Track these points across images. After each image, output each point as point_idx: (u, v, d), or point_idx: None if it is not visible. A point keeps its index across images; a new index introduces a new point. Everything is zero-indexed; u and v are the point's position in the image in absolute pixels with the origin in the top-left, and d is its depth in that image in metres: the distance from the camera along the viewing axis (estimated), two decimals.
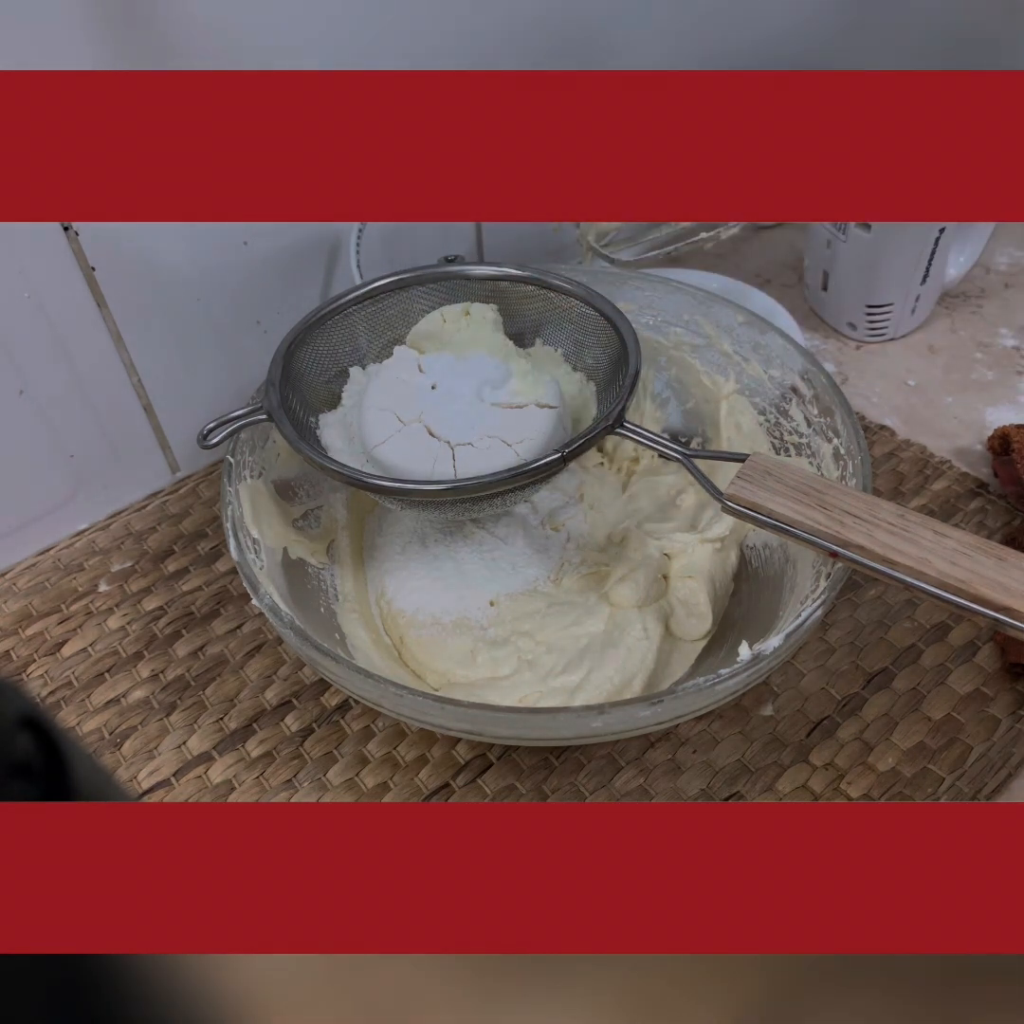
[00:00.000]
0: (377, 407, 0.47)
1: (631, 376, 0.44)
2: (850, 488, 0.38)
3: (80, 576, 0.56)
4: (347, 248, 0.58)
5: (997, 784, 0.45)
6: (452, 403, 0.46)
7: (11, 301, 0.48)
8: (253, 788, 0.46)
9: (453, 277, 0.50)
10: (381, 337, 0.50)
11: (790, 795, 0.45)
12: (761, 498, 0.37)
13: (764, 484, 0.38)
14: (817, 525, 0.36)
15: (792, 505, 0.37)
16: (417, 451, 0.45)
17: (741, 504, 0.38)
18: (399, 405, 0.47)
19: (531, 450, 0.45)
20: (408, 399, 0.47)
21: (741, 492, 0.38)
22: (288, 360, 0.47)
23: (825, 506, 0.37)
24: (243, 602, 0.54)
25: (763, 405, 0.51)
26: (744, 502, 0.38)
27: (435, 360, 0.48)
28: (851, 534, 0.36)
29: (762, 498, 0.37)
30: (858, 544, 0.35)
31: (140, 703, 0.50)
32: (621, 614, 0.49)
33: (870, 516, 0.36)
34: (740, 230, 0.63)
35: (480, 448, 0.45)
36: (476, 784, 0.46)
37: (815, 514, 0.37)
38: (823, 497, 0.37)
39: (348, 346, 0.50)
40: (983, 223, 0.68)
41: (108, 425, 0.56)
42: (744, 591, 0.52)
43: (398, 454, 0.45)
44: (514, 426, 0.45)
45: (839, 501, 0.37)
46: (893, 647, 0.50)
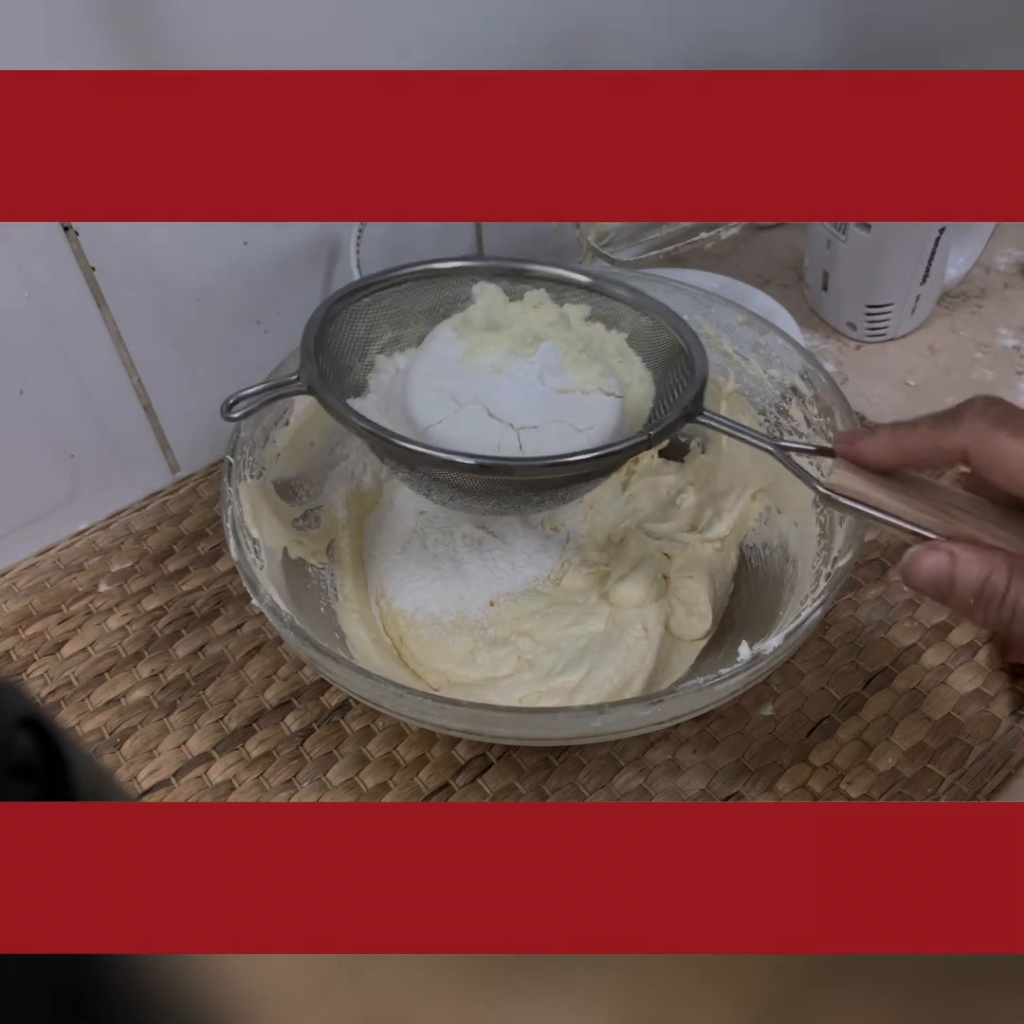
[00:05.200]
0: (428, 386, 0.43)
1: (703, 365, 0.42)
2: (942, 484, 0.37)
3: (80, 576, 0.56)
4: (347, 248, 0.58)
5: (997, 784, 0.45)
6: (512, 385, 0.43)
7: (11, 301, 0.48)
8: (253, 788, 0.46)
9: (515, 275, 0.47)
10: (418, 322, 0.48)
11: (790, 795, 0.45)
12: (866, 487, 0.36)
13: (864, 474, 0.36)
14: (926, 515, 0.35)
15: (896, 493, 0.35)
16: (479, 432, 0.42)
17: (845, 494, 0.36)
18: (452, 385, 0.43)
19: (601, 437, 0.42)
20: (462, 379, 0.43)
21: (843, 481, 0.36)
22: (323, 331, 0.43)
23: (928, 498, 0.35)
24: (243, 602, 0.54)
25: (763, 405, 0.51)
26: (849, 491, 0.36)
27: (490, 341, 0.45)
28: (959, 525, 0.34)
29: (866, 487, 0.36)
30: (968, 535, 0.34)
31: (140, 703, 0.50)
32: (621, 614, 0.49)
33: (973, 508, 0.35)
34: (740, 230, 0.63)
35: (547, 432, 0.42)
36: (476, 784, 0.46)
37: (922, 504, 0.35)
38: (924, 490, 0.36)
39: (387, 324, 0.47)
40: (983, 223, 0.68)
41: (108, 425, 0.56)
42: (744, 591, 0.52)
43: (458, 435, 0.41)
44: (581, 412, 0.42)
45: (939, 494, 0.35)
46: (893, 647, 0.50)
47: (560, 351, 0.44)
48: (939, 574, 0.33)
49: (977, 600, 0.32)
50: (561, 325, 0.46)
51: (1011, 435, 0.31)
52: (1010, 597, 0.32)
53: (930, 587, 0.33)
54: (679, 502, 0.55)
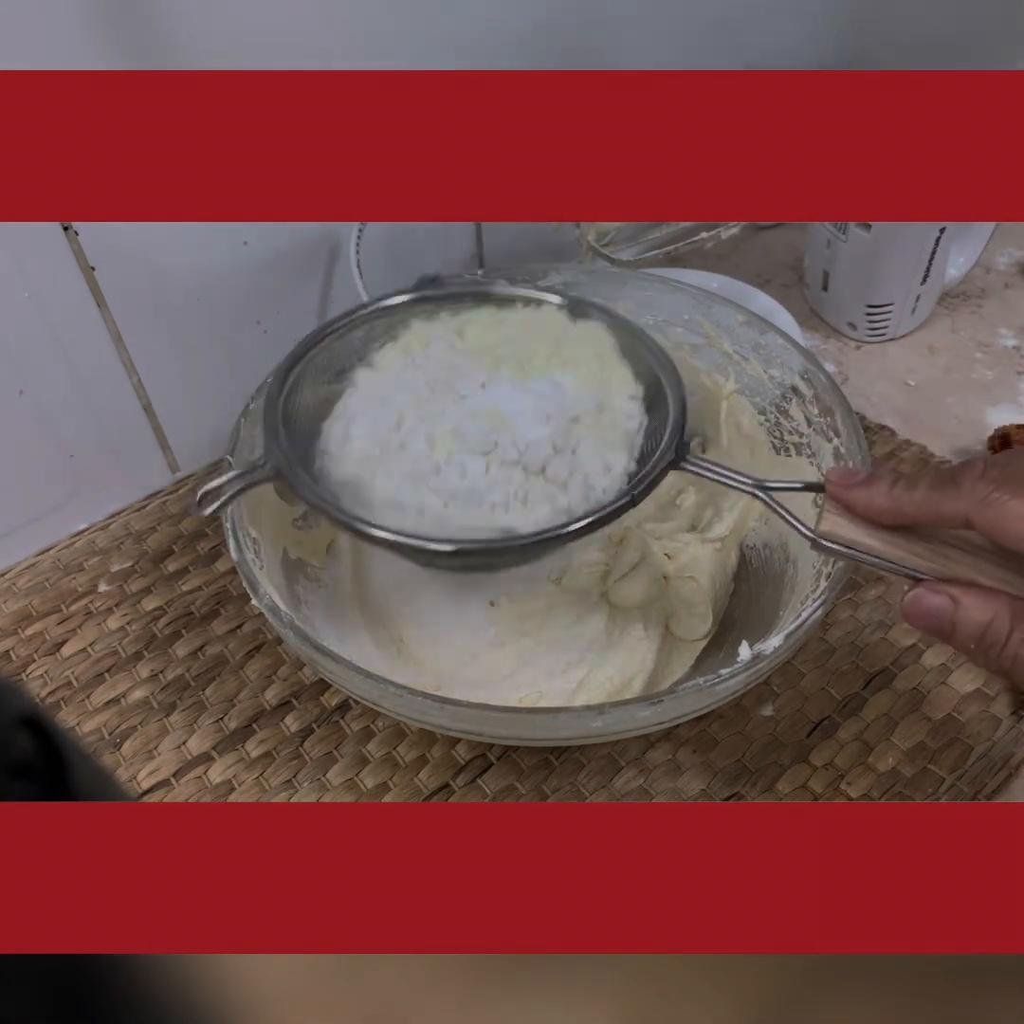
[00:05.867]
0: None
1: (679, 404, 0.40)
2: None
3: (80, 576, 0.56)
4: (347, 248, 0.58)
5: (997, 784, 0.45)
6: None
7: (11, 301, 0.48)
8: (253, 788, 0.46)
9: (479, 298, 0.43)
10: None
11: (790, 795, 0.45)
12: (858, 534, 0.34)
13: (856, 519, 0.34)
14: (920, 560, 0.33)
15: (890, 538, 0.34)
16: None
17: (837, 541, 0.34)
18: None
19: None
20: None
21: (835, 528, 0.34)
22: (286, 403, 0.40)
23: (924, 538, 0.34)
24: (243, 602, 0.54)
25: (763, 405, 0.51)
26: (840, 539, 0.34)
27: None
28: (957, 567, 0.33)
29: (859, 534, 0.34)
30: (965, 578, 0.33)
31: (140, 703, 0.50)
32: (621, 614, 0.49)
33: (969, 547, 0.33)
34: (740, 230, 0.63)
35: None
36: (476, 784, 0.46)
37: (917, 547, 0.33)
38: (917, 530, 0.34)
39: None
40: (983, 223, 0.68)
41: (108, 425, 0.56)
42: (744, 591, 0.52)
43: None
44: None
45: (933, 532, 0.34)
46: (893, 647, 0.50)
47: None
48: (941, 618, 0.32)
49: (978, 646, 0.32)
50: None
51: (1015, 497, 0.30)
52: (1011, 645, 0.31)
53: (930, 628, 0.33)
54: (679, 502, 0.55)
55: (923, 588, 0.33)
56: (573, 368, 0.41)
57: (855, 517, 0.34)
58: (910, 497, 0.33)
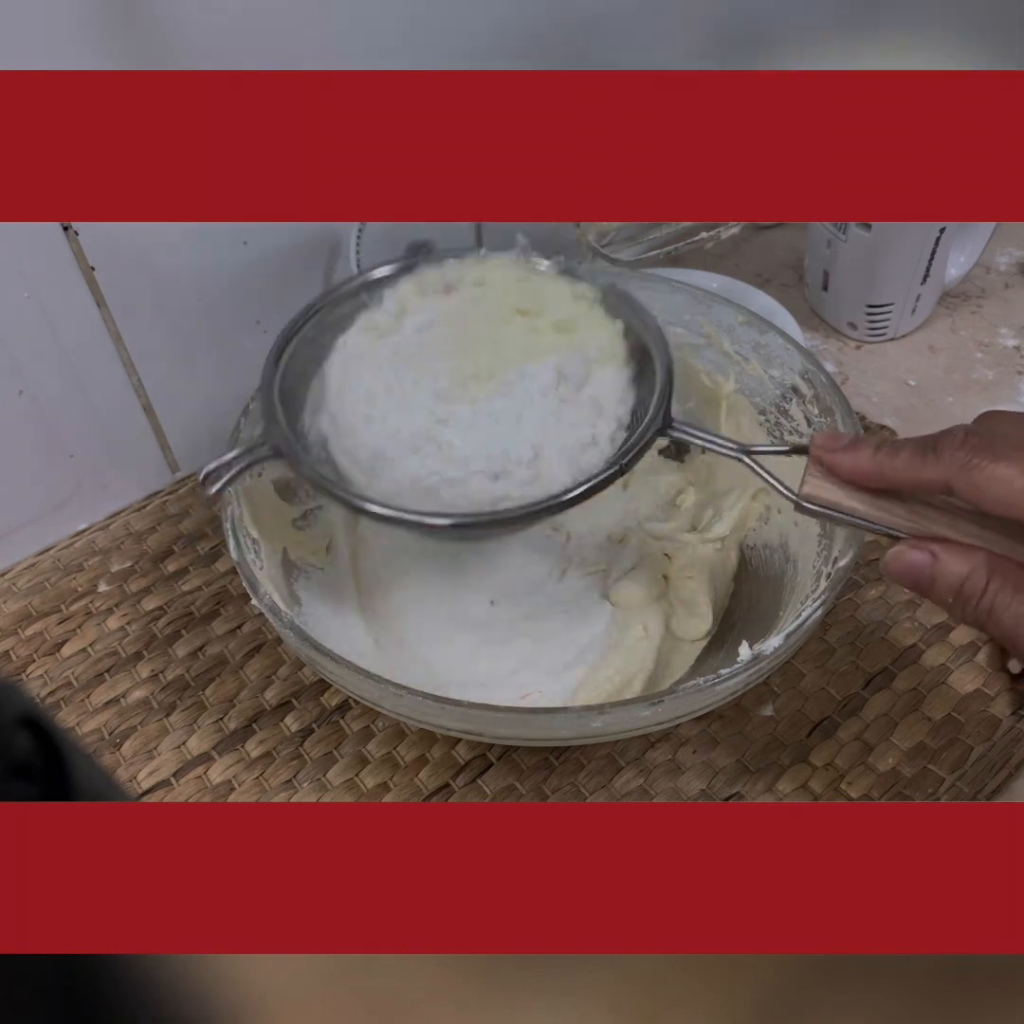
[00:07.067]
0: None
1: (666, 370, 0.40)
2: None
3: (80, 576, 0.56)
4: (347, 248, 0.58)
5: (997, 784, 0.45)
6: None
7: (11, 301, 0.48)
8: (253, 788, 0.46)
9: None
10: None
11: (790, 795, 0.45)
12: (841, 496, 0.35)
13: (838, 482, 0.35)
14: (900, 520, 0.35)
15: (872, 500, 0.35)
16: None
17: (819, 503, 0.36)
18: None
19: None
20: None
21: (817, 491, 0.35)
22: (282, 389, 0.41)
23: (905, 500, 0.35)
24: (243, 602, 0.54)
25: (763, 405, 0.51)
26: (823, 501, 0.36)
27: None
28: (937, 527, 0.34)
29: (842, 496, 0.35)
30: (943, 536, 0.34)
31: (140, 703, 0.50)
32: (621, 614, 0.49)
33: (948, 508, 0.34)
34: (740, 230, 0.63)
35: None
36: (476, 784, 0.46)
37: (898, 509, 0.35)
38: (898, 492, 0.35)
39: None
40: (983, 223, 0.68)
41: (108, 425, 0.56)
42: (744, 591, 0.52)
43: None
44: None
45: (913, 494, 0.35)
46: (893, 647, 0.50)
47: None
48: (920, 571, 0.34)
49: (956, 599, 0.33)
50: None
51: (993, 461, 0.31)
52: (987, 596, 0.32)
53: (910, 583, 0.34)
54: (679, 502, 0.55)
55: (904, 544, 0.34)
56: (564, 333, 0.42)
57: (838, 480, 0.35)
58: (892, 462, 0.34)
